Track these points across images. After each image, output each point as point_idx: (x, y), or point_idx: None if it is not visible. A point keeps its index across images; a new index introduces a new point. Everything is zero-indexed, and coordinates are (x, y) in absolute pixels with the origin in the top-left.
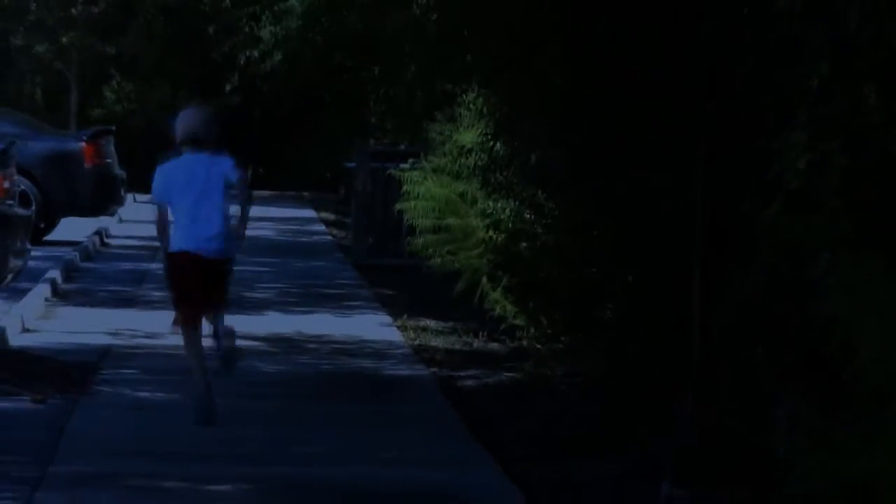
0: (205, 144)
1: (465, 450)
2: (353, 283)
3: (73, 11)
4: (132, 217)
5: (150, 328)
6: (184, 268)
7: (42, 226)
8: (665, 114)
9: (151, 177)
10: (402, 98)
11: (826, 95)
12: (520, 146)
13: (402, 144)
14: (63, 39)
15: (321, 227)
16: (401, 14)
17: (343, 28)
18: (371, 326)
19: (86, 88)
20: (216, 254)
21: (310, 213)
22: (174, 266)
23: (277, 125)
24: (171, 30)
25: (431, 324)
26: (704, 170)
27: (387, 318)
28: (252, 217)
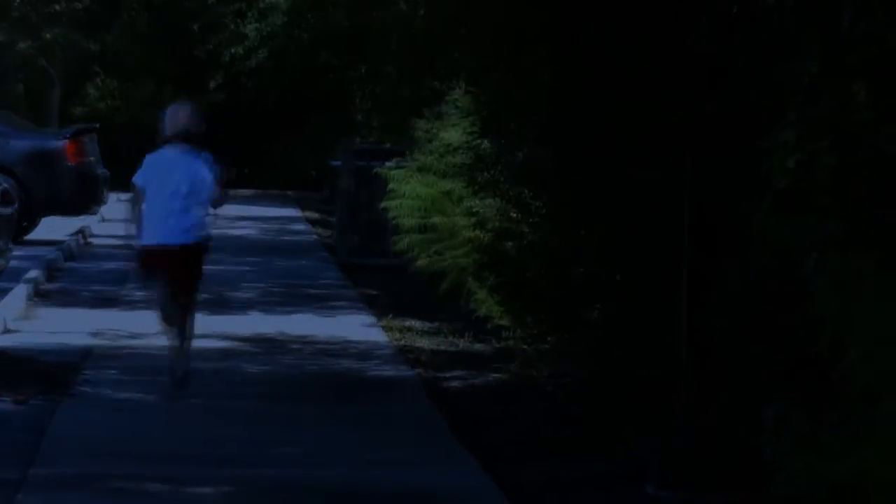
0: (192, 140)
1: (450, 451)
2: (338, 283)
3: (57, 7)
4: (115, 216)
5: (133, 328)
6: (156, 263)
7: (24, 224)
8: (653, 112)
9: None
10: (389, 96)
11: (816, 94)
12: (506, 144)
13: (388, 143)
14: (46, 36)
15: (305, 226)
16: (387, 11)
17: (329, 25)
18: (355, 327)
19: (69, 86)
20: (188, 244)
21: (294, 212)
22: (146, 261)
23: (262, 123)
24: (156, 26)
25: (416, 324)
26: (693, 169)
27: (371, 319)
28: (235, 216)
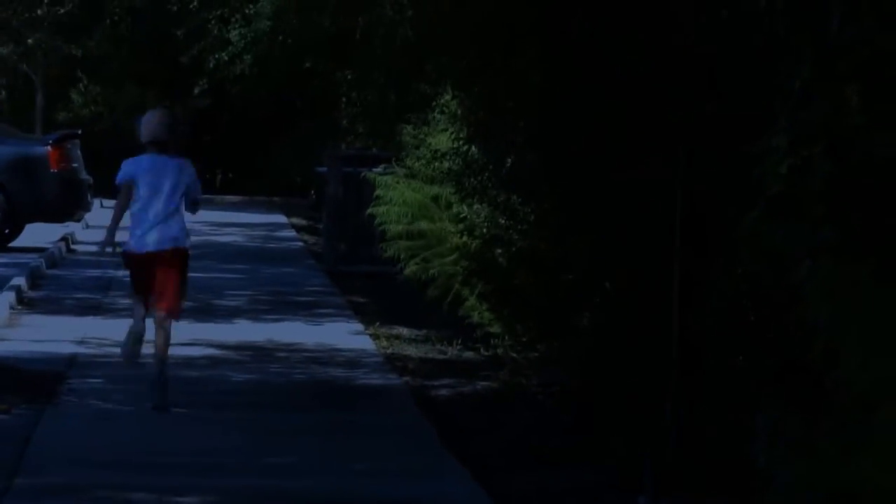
0: (167, 147)
1: (439, 461)
2: (325, 291)
3: (39, 12)
4: (99, 223)
5: (118, 336)
6: (142, 268)
7: (7, 231)
8: (644, 115)
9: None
10: (375, 101)
11: (808, 98)
12: (495, 149)
13: (374, 148)
14: (28, 41)
15: (292, 233)
16: (373, 14)
17: (313, 29)
18: (343, 335)
19: (52, 91)
20: (174, 248)
21: (280, 219)
22: (133, 266)
23: (247, 129)
24: (139, 32)
25: (405, 332)
26: (684, 174)
27: (359, 326)
28: (221, 222)
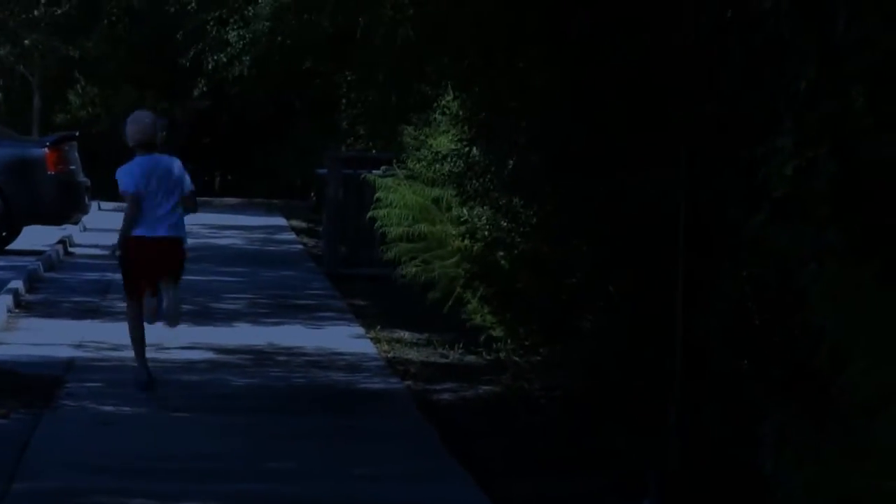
0: (154, 147)
1: (441, 465)
2: (325, 294)
3: (35, 13)
4: (97, 225)
5: (116, 340)
6: (141, 249)
7: (4, 234)
8: (647, 116)
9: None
10: (376, 102)
11: (813, 99)
12: (497, 151)
13: (374, 150)
14: (25, 42)
15: (292, 236)
16: (373, 14)
17: (313, 30)
18: (343, 338)
19: (49, 93)
20: (175, 239)
21: (280, 221)
22: (132, 248)
23: (246, 130)
24: (137, 32)
25: (406, 335)
26: (688, 175)
27: (360, 330)
28: (220, 225)
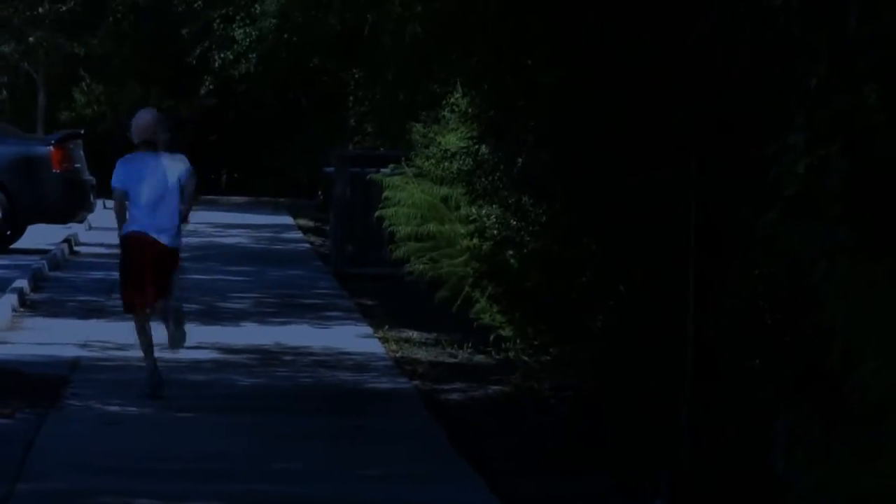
0: (157, 145)
1: (449, 466)
2: (333, 293)
3: (40, 10)
4: (102, 224)
5: (121, 339)
6: (135, 248)
7: (8, 233)
8: (656, 115)
9: None
10: (384, 99)
11: (825, 96)
12: (506, 149)
13: (382, 148)
14: (30, 39)
15: (298, 235)
16: (381, 11)
17: (320, 27)
18: (351, 338)
19: (54, 90)
20: (166, 242)
21: (287, 220)
22: (127, 246)
23: (253, 128)
24: (142, 29)
25: (414, 335)
26: (698, 173)
27: (367, 330)
28: (226, 224)
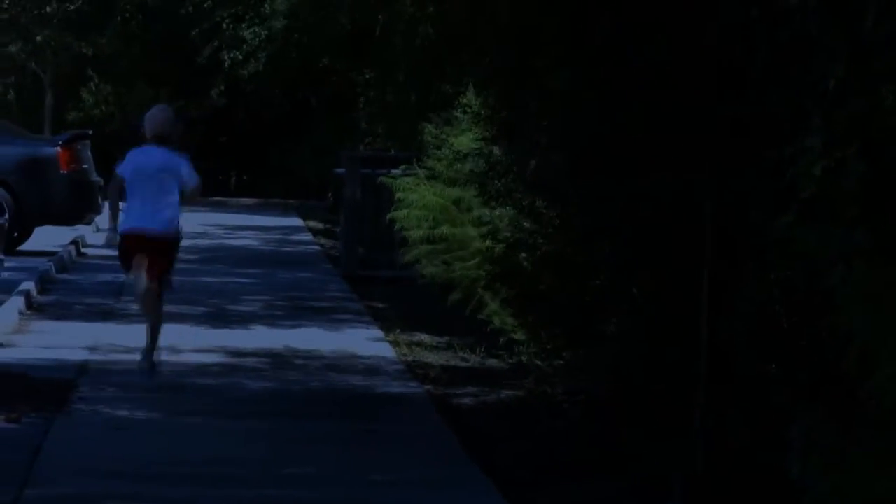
0: (168, 141)
1: (461, 471)
2: (343, 296)
3: (48, 9)
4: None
5: (129, 343)
6: (134, 243)
7: (16, 234)
8: (671, 117)
9: None
10: (395, 100)
11: (842, 97)
12: (519, 150)
13: (393, 149)
14: (37, 38)
15: (308, 237)
16: (393, 11)
17: (331, 27)
18: (362, 341)
19: (61, 90)
20: (163, 233)
21: (296, 222)
22: (126, 243)
23: (263, 129)
24: (151, 29)
25: (426, 339)
26: (713, 175)
27: (378, 333)
28: (235, 225)
